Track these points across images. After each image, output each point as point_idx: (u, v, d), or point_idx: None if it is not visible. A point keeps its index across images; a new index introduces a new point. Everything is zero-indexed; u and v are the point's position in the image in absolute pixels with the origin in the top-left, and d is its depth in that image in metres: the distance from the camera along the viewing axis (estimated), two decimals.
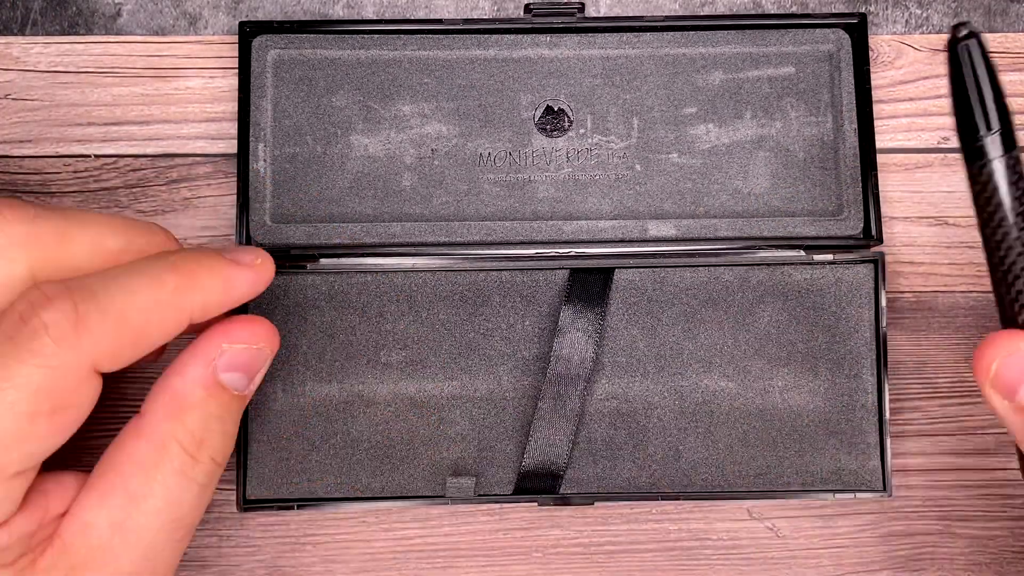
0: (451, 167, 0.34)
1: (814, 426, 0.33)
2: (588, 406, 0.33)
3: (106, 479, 0.25)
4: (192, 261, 0.25)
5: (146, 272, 0.24)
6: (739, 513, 0.35)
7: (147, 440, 0.25)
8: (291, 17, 0.37)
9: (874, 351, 0.33)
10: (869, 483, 0.33)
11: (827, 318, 0.34)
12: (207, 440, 0.25)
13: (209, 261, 0.26)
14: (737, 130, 0.35)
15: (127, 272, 0.24)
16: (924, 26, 0.38)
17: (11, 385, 0.22)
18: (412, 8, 0.37)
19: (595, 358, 0.33)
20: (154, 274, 0.24)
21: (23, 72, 0.36)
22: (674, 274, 0.34)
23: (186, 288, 0.25)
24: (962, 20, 0.35)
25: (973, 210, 0.27)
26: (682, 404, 0.33)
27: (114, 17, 0.37)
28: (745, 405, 0.33)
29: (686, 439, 0.33)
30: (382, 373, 0.33)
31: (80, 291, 0.23)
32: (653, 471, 0.33)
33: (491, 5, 0.37)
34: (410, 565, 0.35)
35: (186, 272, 0.25)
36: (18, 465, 0.23)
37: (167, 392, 0.25)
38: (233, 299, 0.26)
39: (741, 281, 0.34)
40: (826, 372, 0.34)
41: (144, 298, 0.24)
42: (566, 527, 0.35)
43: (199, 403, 0.25)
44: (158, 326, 0.24)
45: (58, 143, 0.36)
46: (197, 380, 0.25)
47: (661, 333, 0.34)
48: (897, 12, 0.38)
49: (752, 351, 0.34)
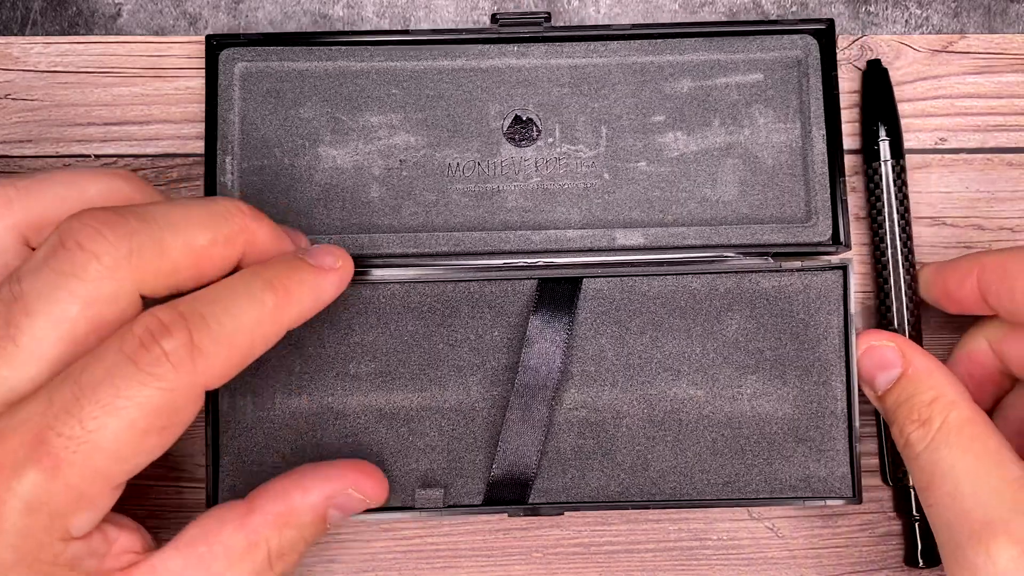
0: (419, 178, 0.34)
1: (783, 433, 0.33)
2: (557, 415, 0.34)
3: (194, 549, 0.27)
4: (285, 277, 0.27)
5: (246, 293, 0.26)
6: (739, 513, 0.35)
7: (246, 535, 0.27)
8: (291, 18, 0.37)
9: (843, 358, 0.33)
10: (839, 490, 0.33)
11: (796, 325, 0.34)
12: (287, 556, 0.28)
13: (300, 275, 0.28)
14: (705, 137, 0.34)
15: (231, 294, 0.26)
16: (924, 26, 0.38)
17: (133, 404, 0.24)
18: (412, 8, 0.37)
19: (563, 367, 0.33)
20: (254, 295, 0.26)
21: (23, 72, 0.36)
22: (642, 283, 0.34)
23: (284, 304, 0.27)
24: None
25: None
26: (651, 412, 0.34)
27: (114, 17, 0.37)
28: (713, 413, 0.34)
29: (655, 447, 0.33)
30: (351, 385, 0.33)
31: (193, 318, 0.25)
32: (622, 480, 0.33)
33: (491, 5, 0.37)
34: (410, 565, 0.35)
35: (283, 290, 0.27)
36: (123, 476, 0.25)
37: (283, 501, 0.28)
38: (322, 304, 0.29)
39: (709, 289, 0.34)
40: (795, 379, 0.34)
41: (248, 319, 0.26)
42: (566, 527, 0.35)
43: (303, 525, 0.28)
44: (260, 342, 0.27)
45: (58, 143, 0.36)
46: (313, 507, 0.28)
47: (629, 342, 0.34)
48: (897, 12, 0.38)
49: (720, 359, 0.34)
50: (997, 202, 0.36)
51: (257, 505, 0.28)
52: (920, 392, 0.30)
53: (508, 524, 0.35)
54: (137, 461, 0.25)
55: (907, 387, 0.30)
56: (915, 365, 0.31)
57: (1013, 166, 0.36)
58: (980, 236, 0.36)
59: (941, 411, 0.29)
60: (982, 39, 0.37)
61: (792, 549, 0.35)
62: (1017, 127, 0.36)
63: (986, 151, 0.36)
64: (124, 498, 0.27)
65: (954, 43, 0.37)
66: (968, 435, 0.28)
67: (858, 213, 0.36)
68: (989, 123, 0.36)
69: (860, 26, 0.38)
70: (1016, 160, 0.36)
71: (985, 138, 0.36)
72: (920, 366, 0.31)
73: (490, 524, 0.35)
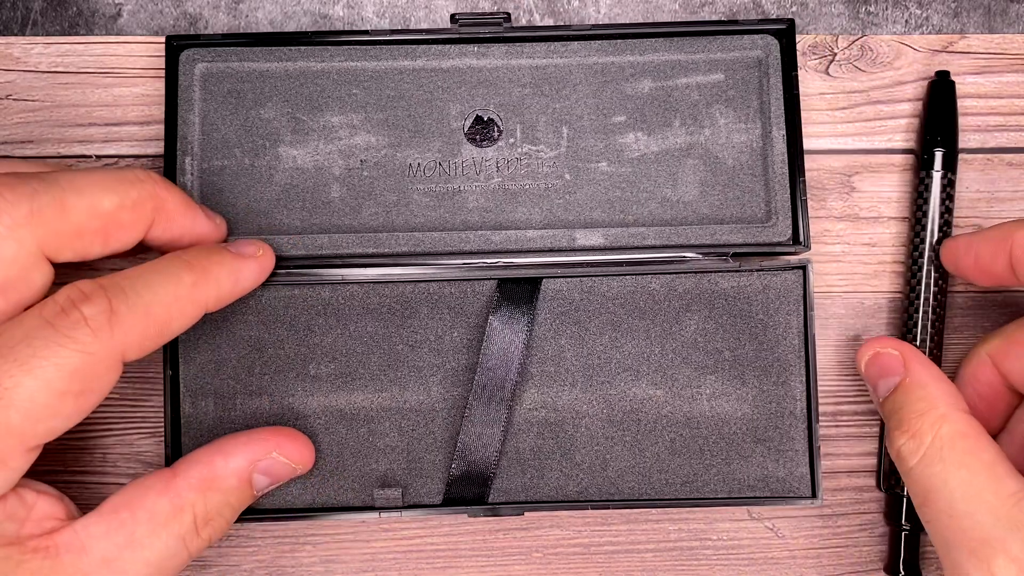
0: (380, 178, 0.34)
1: (741, 433, 0.33)
2: (516, 415, 0.34)
3: (117, 516, 0.27)
4: (204, 258, 0.29)
5: (166, 271, 0.27)
6: (739, 513, 0.35)
7: (171, 500, 0.27)
8: (291, 17, 0.37)
9: (802, 358, 0.34)
10: (797, 490, 0.33)
11: (755, 325, 0.34)
12: (214, 521, 0.28)
13: (219, 257, 0.29)
14: (666, 138, 0.35)
15: (150, 270, 0.27)
16: (924, 26, 0.38)
17: (50, 364, 0.24)
18: (412, 8, 0.37)
19: (522, 367, 0.33)
20: (173, 272, 0.27)
21: (24, 72, 0.36)
22: (602, 283, 0.34)
23: (201, 283, 0.28)
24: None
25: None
26: (610, 412, 0.34)
27: (114, 17, 0.37)
28: (672, 413, 0.34)
29: (613, 447, 0.33)
30: (311, 386, 0.33)
31: (112, 288, 0.26)
32: (581, 480, 0.33)
33: (491, 4, 0.37)
34: (410, 565, 0.35)
35: (200, 269, 0.28)
36: (38, 439, 0.25)
37: (207, 466, 0.28)
38: (242, 289, 0.30)
39: (668, 289, 0.34)
40: (754, 379, 0.34)
41: (166, 293, 0.27)
42: (566, 527, 0.35)
43: (228, 490, 0.29)
44: (178, 318, 0.27)
45: (59, 143, 0.36)
46: (236, 471, 0.29)
47: (589, 342, 0.34)
48: (897, 12, 0.38)
49: (680, 359, 0.34)
50: (997, 202, 0.36)
51: (181, 471, 0.28)
52: (912, 402, 0.29)
53: (508, 524, 0.35)
54: (52, 424, 0.25)
55: (900, 396, 0.30)
56: (912, 374, 0.30)
57: (1013, 166, 0.36)
58: None
59: (932, 424, 0.28)
60: (982, 39, 0.37)
61: (792, 549, 0.35)
62: (1017, 127, 0.36)
63: (986, 151, 0.36)
64: (84, 503, 0.27)
65: (954, 43, 0.37)
66: (961, 449, 0.27)
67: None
68: (989, 123, 0.37)
69: (860, 26, 0.38)
70: (1016, 160, 0.36)
71: (985, 138, 0.36)
72: (916, 376, 0.30)
73: (490, 524, 0.35)
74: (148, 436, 0.35)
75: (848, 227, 0.36)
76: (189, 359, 0.33)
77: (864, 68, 0.37)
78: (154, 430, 0.35)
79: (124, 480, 0.35)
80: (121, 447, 0.35)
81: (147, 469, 0.35)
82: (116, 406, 0.35)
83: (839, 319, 0.36)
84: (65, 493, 0.28)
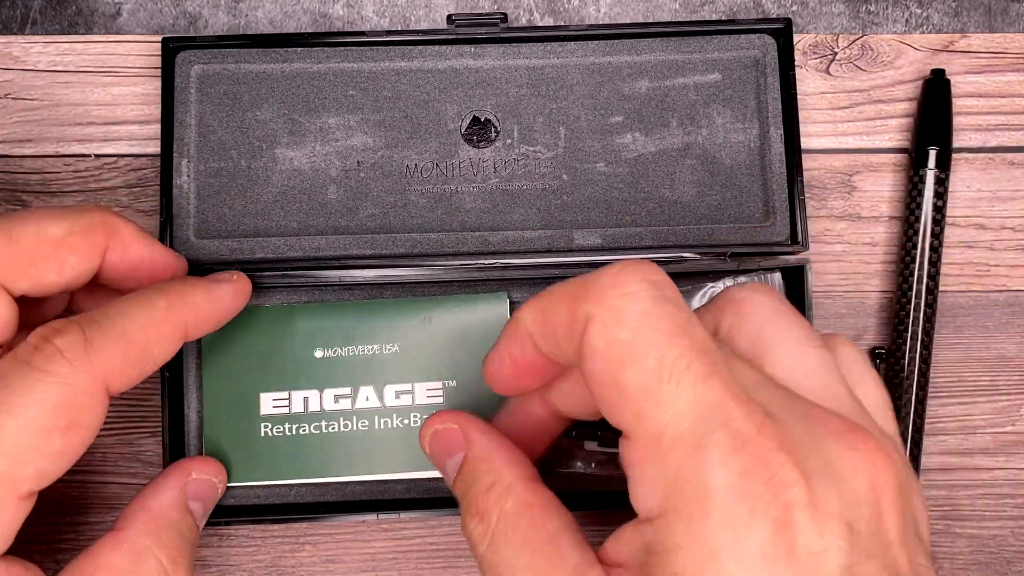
0: (377, 179, 0.34)
1: None
2: None
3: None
4: (178, 284, 0.29)
5: (138, 298, 0.27)
6: None
7: (125, 552, 0.27)
8: (291, 17, 0.37)
9: None
10: None
11: None
12: (180, 560, 0.28)
13: (193, 281, 0.29)
14: (664, 138, 0.34)
15: (123, 300, 0.27)
16: (924, 26, 0.38)
17: (30, 400, 0.24)
18: (412, 8, 0.37)
19: None
20: (146, 298, 0.27)
21: (23, 72, 0.36)
22: None
23: (177, 305, 0.28)
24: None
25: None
26: None
27: (114, 17, 0.37)
28: None
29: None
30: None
31: (84, 320, 0.26)
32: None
33: (491, 4, 0.37)
34: (410, 565, 0.35)
35: (175, 292, 0.28)
36: (30, 483, 0.25)
37: (145, 510, 0.28)
38: (220, 310, 0.30)
39: None
40: None
41: (141, 318, 0.27)
42: None
43: (175, 522, 0.28)
44: (158, 342, 0.27)
45: (58, 143, 0.36)
46: (172, 502, 0.29)
47: None
48: (897, 12, 0.38)
49: None
50: (998, 201, 0.36)
51: (123, 524, 0.28)
52: (479, 477, 0.25)
53: None
54: (42, 465, 0.25)
55: (467, 474, 0.26)
56: (474, 448, 0.26)
57: (1014, 165, 0.36)
58: (981, 235, 0.36)
59: (497, 501, 0.24)
60: (983, 38, 0.37)
61: None
62: (1018, 126, 0.36)
63: (987, 150, 0.36)
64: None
65: (955, 42, 0.37)
66: (525, 525, 0.24)
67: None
68: (990, 122, 0.36)
69: (860, 25, 0.38)
70: (1017, 159, 0.36)
71: (986, 137, 0.36)
72: (478, 449, 0.26)
73: None
74: (148, 436, 0.35)
75: (849, 226, 0.36)
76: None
77: (864, 67, 0.36)
78: (154, 430, 0.35)
79: (124, 480, 0.35)
80: (121, 447, 0.35)
81: (147, 469, 0.35)
82: (116, 406, 0.35)
83: (840, 319, 0.36)
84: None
